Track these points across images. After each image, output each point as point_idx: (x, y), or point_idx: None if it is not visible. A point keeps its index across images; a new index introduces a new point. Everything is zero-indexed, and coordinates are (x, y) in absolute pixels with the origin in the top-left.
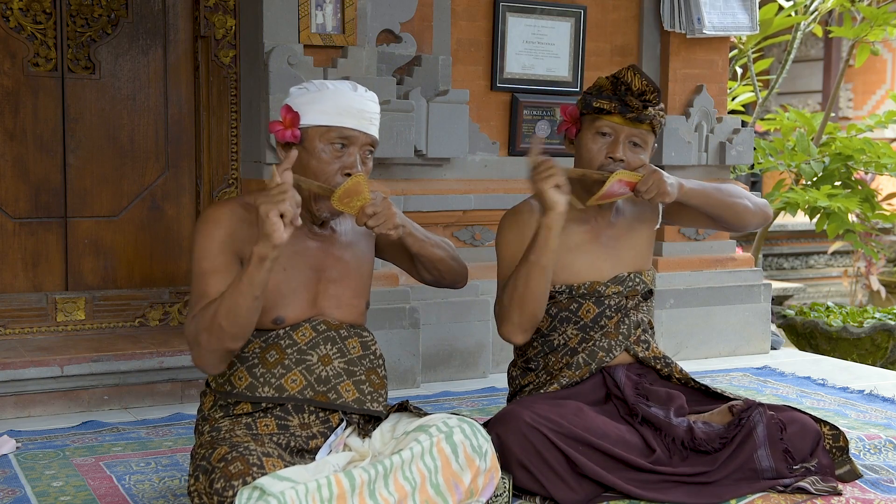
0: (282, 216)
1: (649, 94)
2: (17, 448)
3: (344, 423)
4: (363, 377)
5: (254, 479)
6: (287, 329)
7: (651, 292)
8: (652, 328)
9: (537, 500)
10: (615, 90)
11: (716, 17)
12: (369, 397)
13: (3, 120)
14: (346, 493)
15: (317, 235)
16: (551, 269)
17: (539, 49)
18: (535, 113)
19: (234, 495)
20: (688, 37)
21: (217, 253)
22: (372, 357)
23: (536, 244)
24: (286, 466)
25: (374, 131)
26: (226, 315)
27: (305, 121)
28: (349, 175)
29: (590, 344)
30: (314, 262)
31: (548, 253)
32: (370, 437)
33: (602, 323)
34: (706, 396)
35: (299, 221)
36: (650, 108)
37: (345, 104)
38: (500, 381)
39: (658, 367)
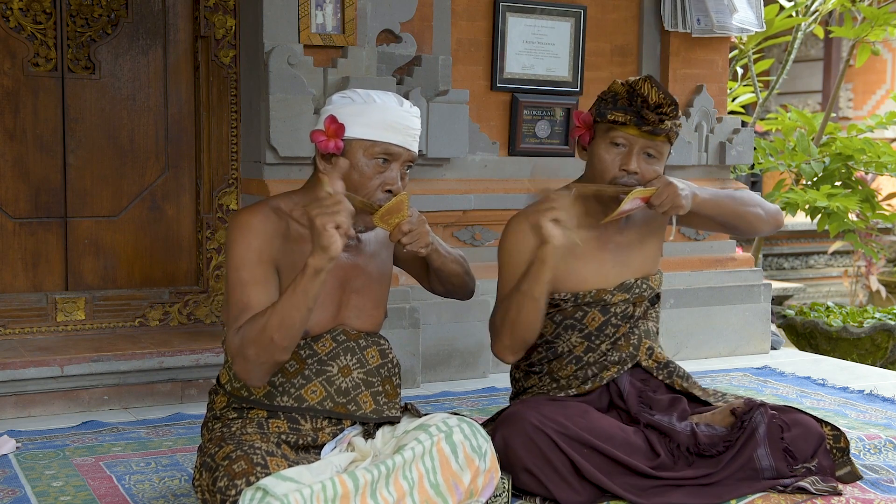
0: (337, 227)
1: (666, 108)
2: (17, 448)
3: (357, 426)
4: (380, 388)
5: (257, 478)
6: (308, 340)
7: (658, 296)
8: (658, 333)
9: (537, 500)
10: (631, 102)
11: (723, 15)
12: (385, 407)
13: (3, 120)
14: (350, 493)
15: (345, 247)
16: (544, 300)
17: (539, 49)
18: (535, 113)
19: (237, 494)
20: (693, 35)
21: (256, 263)
22: (389, 365)
23: (529, 275)
24: (290, 466)
25: (415, 147)
26: (278, 328)
27: (350, 133)
28: (389, 191)
29: (597, 355)
30: (340, 273)
31: (540, 285)
32: (374, 437)
33: (608, 331)
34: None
35: (353, 232)
36: (667, 122)
37: (391, 119)
38: (500, 381)
39: (660, 377)
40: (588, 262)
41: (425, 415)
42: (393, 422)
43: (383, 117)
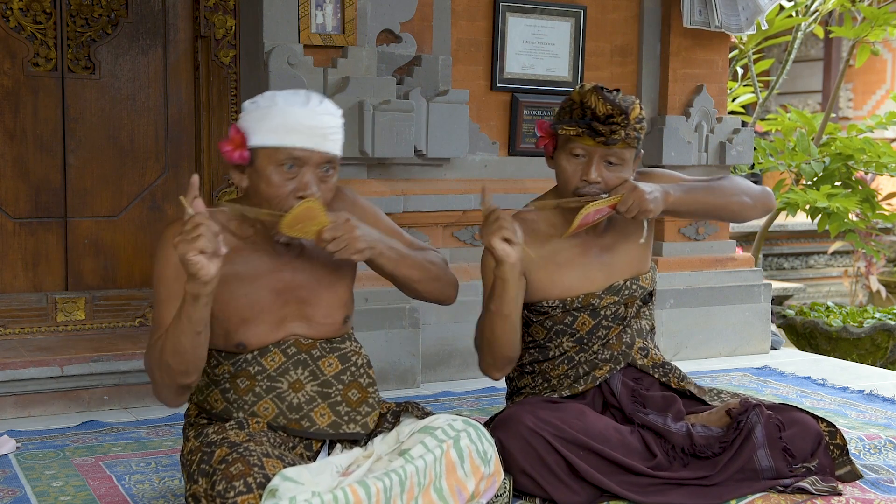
0: (202, 252)
1: (616, 117)
2: (17, 448)
3: (326, 448)
4: (339, 397)
5: (255, 479)
6: (255, 354)
7: (651, 294)
8: (653, 331)
9: (537, 501)
10: (582, 114)
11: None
12: (346, 418)
13: (3, 120)
14: (363, 503)
15: (280, 254)
16: (516, 316)
17: (539, 49)
18: (535, 113)
19: (236, 496)
20: (713, 29)
21: (173, 279)
22: (353, 369)
23: (495, 294)
24: (286, 467)
25: (331, 147)
26: (172, 353)
27: (253, 141)
28: (302, 198)
29: (589, 355)
30: (278, 283)
31: (506, 303)
32: (372, 441)
33: (600, 334)
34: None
35: (224, 249)
36: (620, 131)
37: (293, 121)
38: (500, 381)
39: (656, 375)
40: (572, 268)
41: (426, 414)
42: (353, 439)
43: (284, 121)
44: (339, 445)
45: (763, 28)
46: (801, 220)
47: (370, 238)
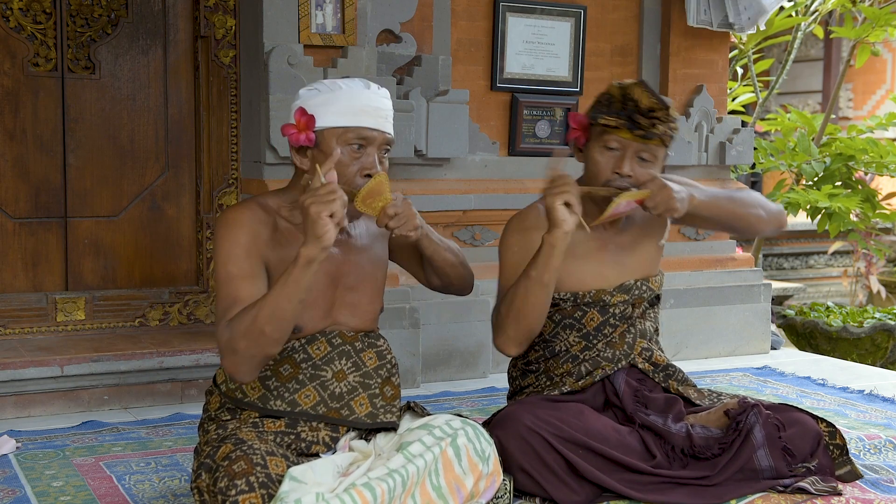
0: (331, 216)
1: (658, 112)
2: (17, 448)
3: (350, 433)
4: (377, 390)
5: (257, 478)
6: (302, 343)
7: (658, 297)
8: (657, 333)
9: (537, 501)
10: (623, 106)
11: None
12: (381, 410)
13: (3, 120)
14: None
15: (335, 243)
16: (552, 287)
17: (539, 49)
18: (535, 113)
19: (238, 494)
20: (716, 28)
21: (244, 257)
22: (388, 367)
23: (538, 261)
24: (290, 466)
25: (390, 129)
26: (269, 320)
27: (320, 123)
28: (369, 176)
29: (592, 353)
30: (331, 268)
31: (550, 271)
32: (374, 437)
33: (605, 331)
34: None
35: (346, 222)
36: (659, 126)
37: (360, 104)
38: (500, 381)
39: (656, 379)
40: (587, 262)
41: (428, 414)
42: (389, 428)
43: (351, 103)
44: (341, 440)
45: (762, 28)
46: (801, 220)
47: (420, 218)
